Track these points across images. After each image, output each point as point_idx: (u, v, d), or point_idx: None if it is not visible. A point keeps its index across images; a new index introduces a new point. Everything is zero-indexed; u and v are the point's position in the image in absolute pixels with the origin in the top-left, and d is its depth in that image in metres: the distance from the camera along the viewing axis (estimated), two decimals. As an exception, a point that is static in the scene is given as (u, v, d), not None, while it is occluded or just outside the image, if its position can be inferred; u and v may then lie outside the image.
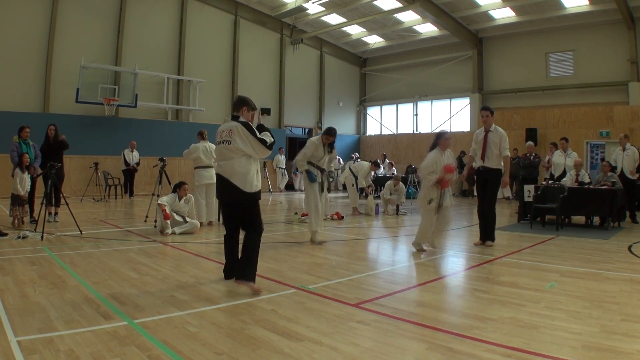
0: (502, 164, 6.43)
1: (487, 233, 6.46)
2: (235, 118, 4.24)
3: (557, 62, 16.77)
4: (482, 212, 6.55)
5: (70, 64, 13.60)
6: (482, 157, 6.47)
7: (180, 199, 7.38)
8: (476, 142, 6.64)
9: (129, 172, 14.27)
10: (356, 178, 10.96)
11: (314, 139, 6.79)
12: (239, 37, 17.81)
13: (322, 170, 6.72)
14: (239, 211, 4.18)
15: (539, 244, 6.66)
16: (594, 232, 7.99)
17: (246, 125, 4.14)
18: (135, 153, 14.37)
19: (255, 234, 4.10)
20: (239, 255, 4.18)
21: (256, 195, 4.14)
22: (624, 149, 9.55)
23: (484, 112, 6.57)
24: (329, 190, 6.98)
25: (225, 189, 4.14)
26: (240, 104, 4.28)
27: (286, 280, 4.38)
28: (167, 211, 7.10)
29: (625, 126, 14.75)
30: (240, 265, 4.05)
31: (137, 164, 14.34)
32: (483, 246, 6.37)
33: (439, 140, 5.96)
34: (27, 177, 7.57)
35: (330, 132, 6.70)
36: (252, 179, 4.09)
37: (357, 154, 18.96)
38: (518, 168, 12.63)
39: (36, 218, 7.64)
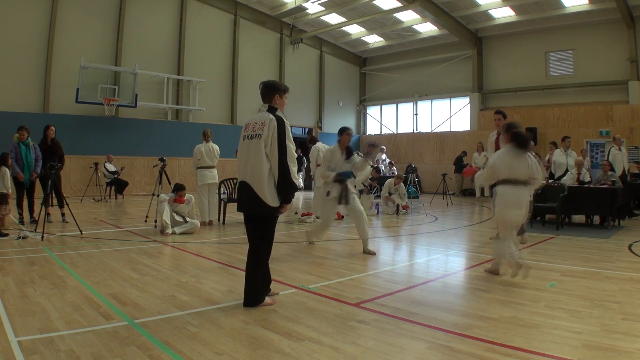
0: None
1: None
2: (272, 110, 3.59)
3: (557, 61, 16.76)
4: None
5: (70, 64, 13.60)
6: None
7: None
8: (490, 144, 6.76)
9: (115, 181, 13.83)
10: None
11: (321, 145, 6.09)
12: (238, 37, 17.81)
13: (340, 181, 5.85)
14: (258, 225, 3.58)
15: (539, 243, 6.66)
16: (594, 231, 7.99)
17: (280, 123, 3.47)
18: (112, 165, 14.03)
19: (259, 260, 3.57)
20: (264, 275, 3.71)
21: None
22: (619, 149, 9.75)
23: (496, 116, 6.67)
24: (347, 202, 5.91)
25: (248, 200, 3.49)
26: (270, 92, 3.64)
27: (286, 280, 4.38)
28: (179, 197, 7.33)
29: (625, 125, 14.77)
30: (246, 291, 3.58)
31: (117, 172, 13.90)
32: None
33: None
34: (9, 175, 7.40)
35: (346, 129, 6.01)
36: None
37: (360, 153, 18.91)
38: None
39: (36, 218, 7.64)
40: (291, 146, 3.48)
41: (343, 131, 5.96)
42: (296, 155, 3.59)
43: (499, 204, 4.52)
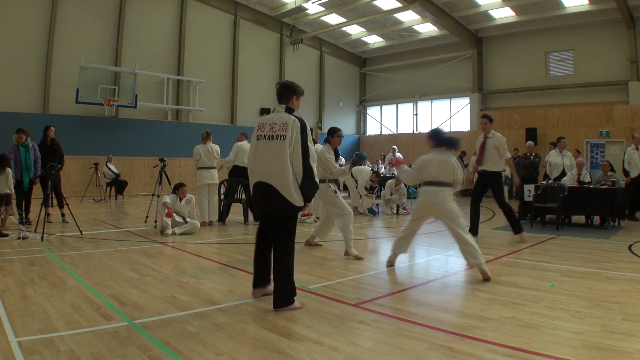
0: (507, 166, 6.86)
1: (513, 227, 6.81)
2: (289, 110, 3.59)
3: (557, 62, 16.76)
4: (475, 207, 7.11)
5: (70, 65, 13.60)
6: (480, 162, 6.93)
7: (180, 200, 7.39)
8: (476, 147, 7.05)
9: (115, 181, 13.84)
10: (357, 182, 10.79)
11: (323, 149, 5.71)
12: (238, 37, 17.81)
13: (335, 181, 5.89)
14: (278, 224, 3.56)
15: (539, 243, 6.66)
16: (594, 231, 7.98)
17: (303, 125, 3.48)
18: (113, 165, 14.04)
19: (288, 256, 3.53)
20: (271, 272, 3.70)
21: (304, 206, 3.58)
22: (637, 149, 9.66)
23: (482, 120, 6.97)
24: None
25: (270, 200, 3.48)
26: (288, 93, 3.63)
27: (286, 281, 4.37)
28: (172, 209, 7.14)
29: (625, 126, 14.76)
30: (276, 291, 3.49)
31: (117, 174, 13.95)
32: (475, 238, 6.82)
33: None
34: (12, 175, 7.35)
35: (338, 130, 5.82)
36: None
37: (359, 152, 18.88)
38: (518, 168, 12.58)
39: (30, 220, 7.66)
40: (312, 147, 3.52)
41: (334, 132, 5.80)
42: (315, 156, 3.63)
43: (419, 202, 4.94)
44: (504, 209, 6.84)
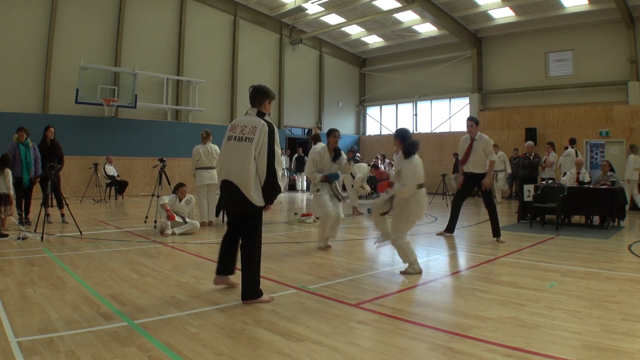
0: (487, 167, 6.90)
1: (493, 230, 6.85)
2: (261, 115, 3.74)
3: (557, 62, 16.77)
4: (456, 205, 7.31)
5: (69, 65, 13.59)
6: (464, 162, 7.02)
7: (180, 200, 7.39)
8: (462, 148, 7.10)
9: (115, 182, 13.80)
10: (354, 177, 10.82)
11: (317, 147, 6.19)
12: (238, 38, 17.82)
13: (329, 182, 6.15)
14: (244, 222, 3.75)
15: (539, 243, 6.66)
16: (593, 231, 7.99)
17: (271, 129, 3.63)
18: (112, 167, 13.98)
19: (255, 251, 3.69)
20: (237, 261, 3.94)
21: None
22: None
23: (469, 122, 7.04)
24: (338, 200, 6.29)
25: (235, 199, 3.65)
26: (261, 97, 3.76)
27: (286, 281, 4.38)
28: (171, 212, 7.11)
29: (625, 126, 14.77)
30: (244, 285, 3.65)
31: (114, 176, 13.88)
32: (444, 236, 7.22)
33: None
34: (11, 176, 7.33)
35: (333, 131, 6.17)
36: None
37: (358, 153, 18.88)
38: (518, 168, 12.62)
39: (30, 220, 7.64)
40: (278, 150, 3.68)
41: (330, 133, 6.15)
42: (283, 157, 3.77)
43: (419, 207, 4.73)
44: (490, 210, 6.86)
